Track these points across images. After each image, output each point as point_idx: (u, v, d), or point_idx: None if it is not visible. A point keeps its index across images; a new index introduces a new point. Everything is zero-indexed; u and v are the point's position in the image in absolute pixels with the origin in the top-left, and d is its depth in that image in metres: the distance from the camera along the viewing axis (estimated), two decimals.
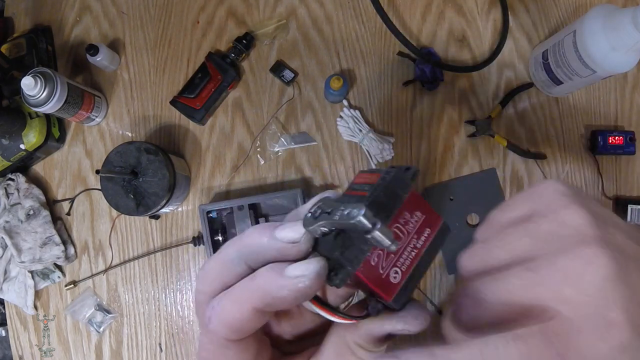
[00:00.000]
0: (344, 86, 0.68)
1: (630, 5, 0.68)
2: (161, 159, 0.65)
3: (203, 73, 0.73)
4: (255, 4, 0.77)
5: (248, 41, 0.74)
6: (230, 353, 0.20)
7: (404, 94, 0.74)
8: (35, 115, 0.72)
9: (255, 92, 0.76)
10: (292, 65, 0.75)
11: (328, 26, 0.76)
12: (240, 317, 0.19)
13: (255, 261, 0.20)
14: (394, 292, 0.21)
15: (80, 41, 0.79)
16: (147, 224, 0.74)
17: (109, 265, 0.74)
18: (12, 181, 0.74)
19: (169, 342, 0.72)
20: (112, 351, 0.73)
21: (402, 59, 0.74)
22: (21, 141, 0.71)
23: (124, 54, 0.78)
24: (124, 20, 0.79)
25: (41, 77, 0.65)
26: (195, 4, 0.78)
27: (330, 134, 0.74)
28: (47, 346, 0.74)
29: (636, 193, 0.72)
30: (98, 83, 0.78)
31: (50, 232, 0.71)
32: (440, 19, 0.76)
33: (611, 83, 0.74)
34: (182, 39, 0.78)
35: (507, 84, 0.74)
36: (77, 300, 0.73)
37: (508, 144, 0.71)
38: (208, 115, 0.74)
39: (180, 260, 0.73)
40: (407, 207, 0.21)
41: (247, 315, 0.19)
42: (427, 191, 0.71)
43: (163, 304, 0.73)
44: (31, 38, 0.76)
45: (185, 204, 0.74)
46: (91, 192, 0.75)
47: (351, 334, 0.22)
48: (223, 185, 0.74)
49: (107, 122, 0.77)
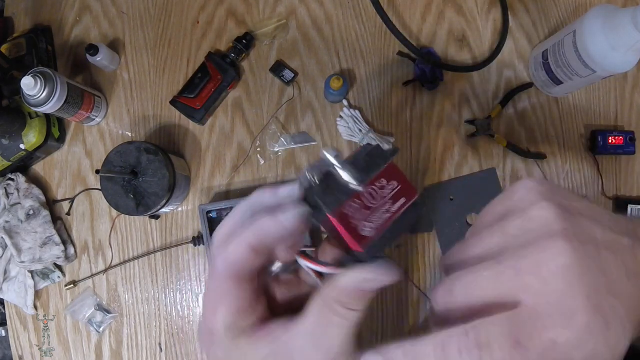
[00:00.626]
0: (344, 86, 0.68)
1: (630, 5, 0.69)
2: (161, 159, 0.65)
3: (203, 73, 0.73)
4: (255, 4, 0.77)
5: (248, 41, 0.74)
6: (230, 293, 0.23)
7: (404, 94, 0.74)
8: (35, 115, 0.72)
9: (255, 92, 0.76)
10: (292, 65, 0.75)
11: (328, 26, 0.76)
12: (240, 255, 0.22)
13: (259, 213, 0.23)
14: (365, 244, 0.23)
15: (80, 41, 0.79)
16: (147, 224, 0.74)
17: (109, 265, 0.74)
18: (12, 181, 0.74)
19: (169, 342, 0.72)
20: (112, 351, 0.73)
21: (402, 59, 0.74)
22: (21, 141, 0.71)
23: (124, 54, 0.78)
24: (124, 20, 0.79)
25: (41, 77, 0.65)
26: (195, 4, 0.78)
27: (330, 134, 0.74)
28: (47, 346, 0.74)
29: (636, 193, 0.72)
30: (98, 83, 0.78)
31: (50, 232, 0.71)
32: (440, 19, 0.76)
33: (611, 83, 0.74)
34: (182, 39, 0.78)
35: (507, 84, 0.74)
36: (77, 300, 0.73)
37: (508, 144, 0.71)
38: (208, 115, 0.74)
39: (180, 260, 0.73)
40: (384, 175, 0.25)
41: (245, 253, 0.22)
42: (427, 191, 0.71)
43: (163, 304, 0.73)
44: (31, 38, 0.76)
45: (185, 204, 0.74)
46: (91, 192, 0.75)
47: (330, 291, 0.23)
48: (223, 185, 0.74)
49: (107, 122, 0.77)
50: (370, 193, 0.24)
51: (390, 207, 0.24)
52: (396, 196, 0.25)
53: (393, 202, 0.25)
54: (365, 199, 0.24)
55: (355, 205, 0.23)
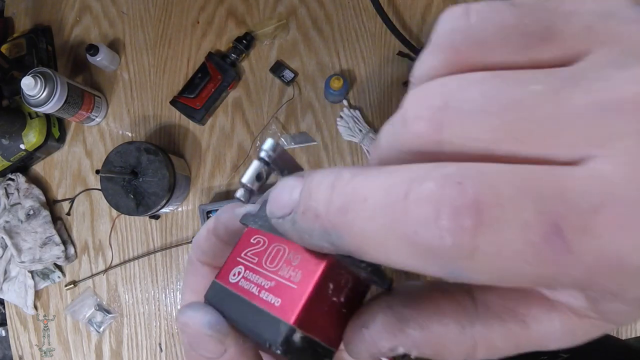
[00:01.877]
0: (344, 86, 0.68)
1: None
2: (161, 159, 0.65)
3: (203, 73, 0.73)
4: (255, 4, 0.77)
5: (248, 41, 0.74)
6: (195, 273, 0.22)
7: (404, 94, 0.74)
8: (35, 115, 0.72)
9: (255, 92, 0.76)
10: (292, 65, 0.75)
11: (328, 26, 0.76)
12: (202, 237, 0.21)
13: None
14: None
15: (80, 41, 0.79)
16: (147, 224, 0.74)
17: (109, 265, 0.74)
18: (12, 181, 0.74)
19: (169, 342, 0.72)
20: (112, 351, 0.73)
21: (402, 59, 0.74)
22: (21, 141, 0.71)
23: (124, 54, 0.78)
24: (124, 20, 0.79)
25: (41, 77, 0.65)
26: (195, 4, 0.78)
27: (330, 134, 0.74)
28: (47, 346, 0.74)
29: None
30: (98, 83, 0.78)
31: (50, 232, 0.71)
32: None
33: None
34: (182, 39, 0.78)
35: None
36: (77, 300, 0.73)
37: None
38: (208, 115, 0.74)
39: (180, 260, 0.73)
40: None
41: (205, 235, 0.21)
42: None
43: (163, 304, 0.73)
44: (31, 38, 0.76)
45: (185, 204, 0.74)
46: (91, 192, 0.75)
47: None
48: (223, 185, 0.74)
49: (107, 122, 0.77)
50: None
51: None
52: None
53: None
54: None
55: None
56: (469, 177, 0.10)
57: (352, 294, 0.16)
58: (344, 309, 0.16)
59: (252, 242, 0.18)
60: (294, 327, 0.14)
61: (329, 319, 0.16)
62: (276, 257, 0.16)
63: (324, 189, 0.12)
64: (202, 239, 0.21)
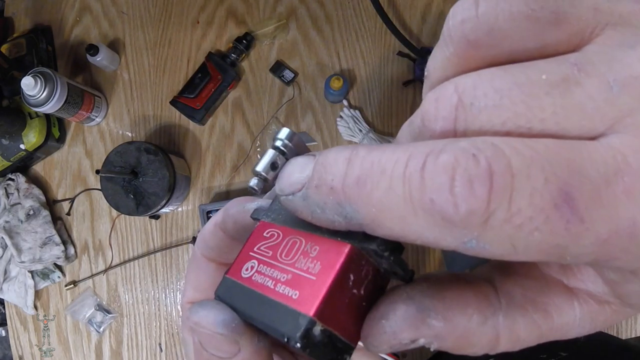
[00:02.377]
0: (344, 86, 0.68)
1: None
2: (161, 159, 0.65)
3: (203, 73, 0.73)
4: (255, 4, 0.77)
5: (248, 41, 0.74)
6: (197, 268, 0.22)
7: (404, 94, 0.74)
8: (35, 115, 0.72)
9: (255, 92, 0.76)
10: (292, 65, 0.75)
11: (328, 26, 0.76)
12: (208, 231, 0.21)
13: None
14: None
15: (80, 41, 0.79)
16: (147, 224, 0.74)
17: (109, 265, 0.74)
18: (12, 181, 0.74)
19: (169, 342, 0.72)
20: (112, 351, 0.73)
21: (402, 59, 0.74)
22: (21, 141, 0.71)
23: (124, 54, 0.78)
24: (124, 20, 0.79)
25: (41, 77, 0.65)
26: (195, 4, 0.78)
27: (330, 134, 0.74)
28: (47, 346, 0.74)
29: None
30: (98, 83, 0.78)
31: (50, 232, 0.71)
32: (440, 19, 0.76)
33: None
34: (182, 39, 0.78)
35: None
36: (77, 300, 0.73)
37: None
38: (208, 115, 0.74)
39: (180, 260, 0.73)
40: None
41: (212, 229, 0.20)
42: None
43: (163, 304, 0.73)
44: (31, 38, 0.76)
45: (185, 204, 0.74)
46: (91, 192, 0.75)
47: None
48: (223, 185, 0.74)
49: (107, 122, 0.77)
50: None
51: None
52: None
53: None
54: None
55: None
56: (482, 149, 0.11)
57: (372, 287, 0.15)
58: (364, 303, 0.15)
59: (266, 235, 0.18)
60: (314, 320, 0.14)
61: (349, 312, 0.15)
62: (292, 249, 0.16)
63: (341, 163, 0.13)
64: (208, 233, 0.20)
